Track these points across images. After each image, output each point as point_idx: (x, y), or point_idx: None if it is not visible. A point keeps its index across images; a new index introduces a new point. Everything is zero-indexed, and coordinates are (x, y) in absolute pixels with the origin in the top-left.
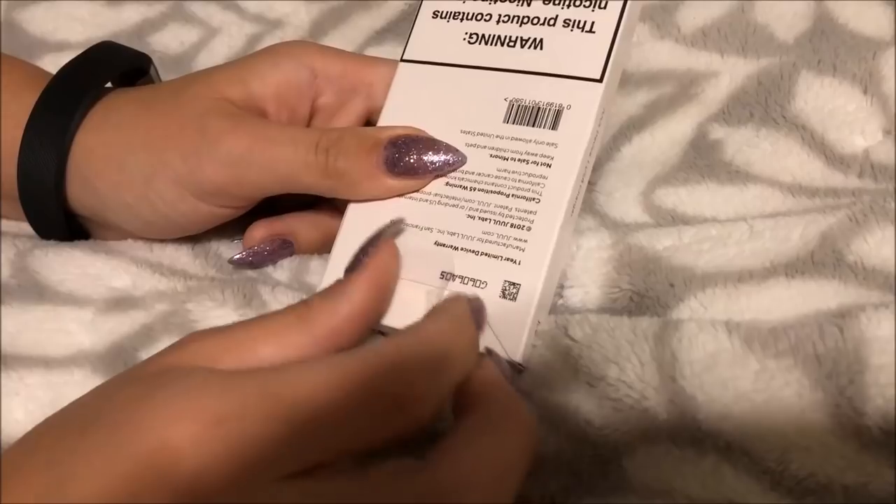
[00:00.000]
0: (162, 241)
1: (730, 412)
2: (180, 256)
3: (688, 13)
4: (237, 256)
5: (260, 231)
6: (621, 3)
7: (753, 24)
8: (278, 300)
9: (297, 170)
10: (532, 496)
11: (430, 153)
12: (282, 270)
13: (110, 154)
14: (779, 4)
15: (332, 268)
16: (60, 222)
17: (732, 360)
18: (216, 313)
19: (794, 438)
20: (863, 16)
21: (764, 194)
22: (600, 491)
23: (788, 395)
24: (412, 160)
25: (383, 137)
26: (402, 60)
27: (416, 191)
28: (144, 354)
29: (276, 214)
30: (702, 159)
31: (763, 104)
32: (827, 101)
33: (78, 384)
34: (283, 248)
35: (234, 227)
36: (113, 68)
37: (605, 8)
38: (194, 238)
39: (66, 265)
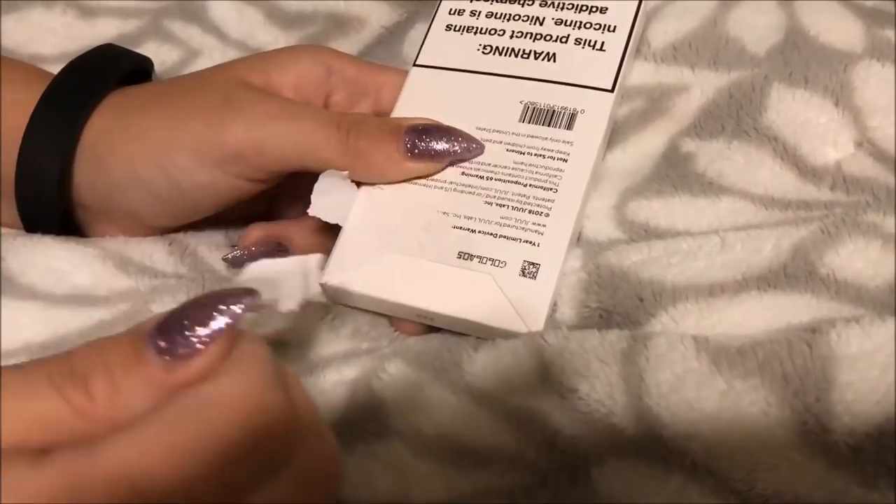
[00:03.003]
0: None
1: (696, 432)
2: (153, 252)
3: (658, 27)
4: (232, 255)
5: (257, 232)
6: (629, 27)
7: (725, 37)
8: None
9: (318, 143)
10: (489, 492)
11: (450, 138)
12: None
13: (128, 126)
14: (751, 17)
15: (338, 254)
16: (55, 214)
17: (699, 380)
18: None
19: (761, 457)
20: (834, 28)
21: (737, 206)
22: (566, 497)
23: (754, 414)
24: (431, 143)
25: (404, 124)
26: (414, 65)
27: (432, 175)
28: None
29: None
30: (674, 171)
31: (735, 117)
32: (799, 113)
33: None
34: (278, 251)
35: (216, 229)
36: (123, 64)
37: (613, 31)
38: (173, 236)
39: (32, 254)
